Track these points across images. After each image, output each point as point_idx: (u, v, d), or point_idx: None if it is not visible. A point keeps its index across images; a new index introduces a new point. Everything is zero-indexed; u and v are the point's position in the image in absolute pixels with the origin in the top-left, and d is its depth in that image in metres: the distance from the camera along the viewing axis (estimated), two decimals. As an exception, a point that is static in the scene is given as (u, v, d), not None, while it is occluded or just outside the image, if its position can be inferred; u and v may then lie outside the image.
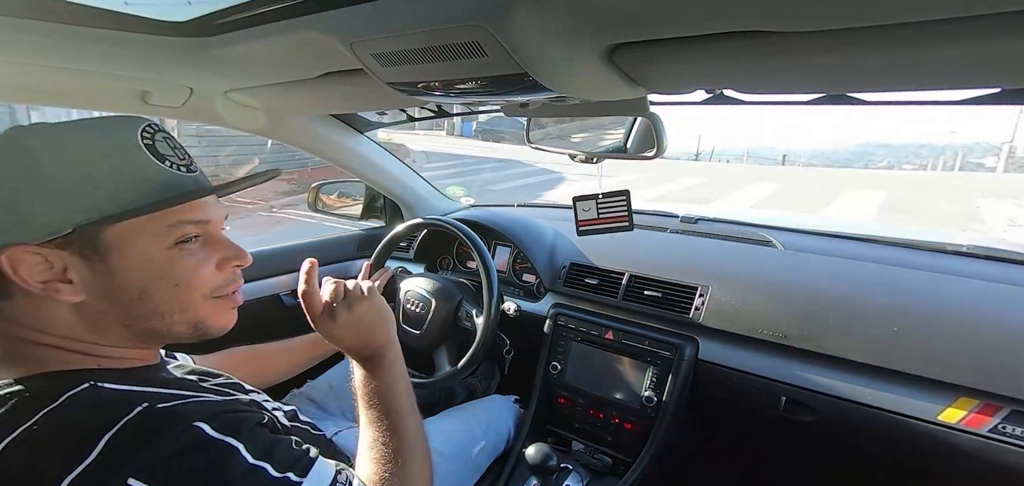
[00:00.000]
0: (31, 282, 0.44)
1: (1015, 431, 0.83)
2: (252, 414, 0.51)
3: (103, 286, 0.47)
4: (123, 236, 0.47)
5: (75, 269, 0.46)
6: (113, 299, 0.48)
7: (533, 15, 0.47)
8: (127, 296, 0.48)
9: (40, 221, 0.43)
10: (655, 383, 1.14)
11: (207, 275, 0.53)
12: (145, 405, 0.43)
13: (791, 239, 1.36)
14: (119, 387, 0.46)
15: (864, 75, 0.54)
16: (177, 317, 0.51)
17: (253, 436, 0.46)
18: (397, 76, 0.64)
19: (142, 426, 0.42)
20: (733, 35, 0.48)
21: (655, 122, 0.93)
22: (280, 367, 1.03)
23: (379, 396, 0.64)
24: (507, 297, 1.34)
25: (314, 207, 1.76)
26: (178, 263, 0.50)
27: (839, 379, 0.97)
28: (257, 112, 1.13)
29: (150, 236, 0.48)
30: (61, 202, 0.44)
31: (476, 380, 1.53)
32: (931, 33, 0.42)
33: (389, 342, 0.68)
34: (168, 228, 0.49)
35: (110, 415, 0.42)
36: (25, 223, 0.43)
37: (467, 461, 1.06)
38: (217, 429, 0.44)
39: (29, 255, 0.43)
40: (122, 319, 0.49)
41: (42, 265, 0.44)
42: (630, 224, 1.07)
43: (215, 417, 0.45)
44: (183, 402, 0.47)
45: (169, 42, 0.71)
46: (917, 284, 1.06)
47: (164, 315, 0.51)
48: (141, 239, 0.48)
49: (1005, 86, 0.54)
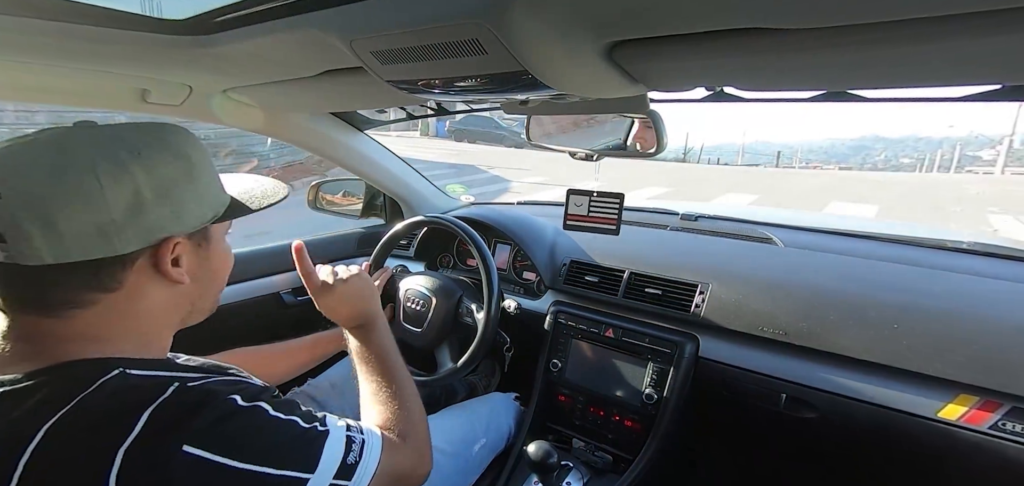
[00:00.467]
0: (168, 267, 0.51)
1: (1015, 427, 0.83)
2: (268, 389, 0.55)
3: (199, 270, 0.56)
4: (217, 230, 0.58)
5: (187, 256, 0.53)
6: (201, 279, 0.57)
7: (533, 13, 0.47)
8: (210, 277, 0.59)
9: (190, 217, 0.51)
10: (655, 380, 1.14)
11: (232, 256, 0.65)
12: (177, 385, 0.47)
13: (791, 236, 1.36)
14: (147, 373, 0.49)
15: (865, 72, 0.54)
16: (217, 295, 0.63)
17: (276, 402, 0.53)
18: (397, 74, 0.64)
19: (182, 400, 0.46)
20: (733, 32, 0.48)
21: (655, 120, 0.93)
22: (281, 368, 1.04)
23: (375, 356, 0.76)
24: (507, 295, 1.35)
25: (314, 205, 1.76)
26: (230, 249, 0.63)
27: (839, 376, 0.97)
28: (256, 110, 1.13)
29: (223, 230, 0.60)
30: (201, 203, 0.53)
31: (477, 378, 1.53)
32: (931, 29, 0.42)
33: (377, 313, 0.82)
34: (227, 224, 0.61)
35: (146, 395, 0.45)
36: (180, 218, 0.51)
37: (468, 459, 1.06)
38: (246, 399, 0.49)
39: (171, 244, 0.51)
40: (197, 297, 0.58)
41: (171, 253, 0.51)
42: (617, 229, 1.07)
43: (242, 391, 0.50)
44: (211, 380, 0.51)
45: (168, 40, 0.71)
46: (917, 281, 1.06)
47: (219, 290, 0.62)
48: (221, 232, 0.60)
49: (1005, 82, 0.54)
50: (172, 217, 0.50)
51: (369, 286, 0.83)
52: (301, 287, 1.53)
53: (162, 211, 0.49)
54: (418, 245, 1.60)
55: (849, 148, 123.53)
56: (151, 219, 0.48)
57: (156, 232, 0.49)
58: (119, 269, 0.48)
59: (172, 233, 0.50)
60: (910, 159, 26.16)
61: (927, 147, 26.75)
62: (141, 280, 0.50)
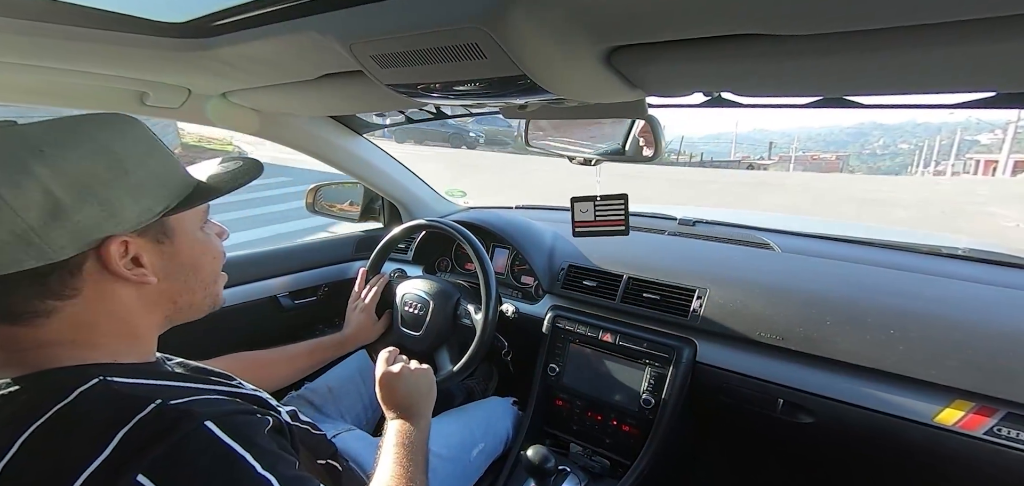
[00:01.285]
0: (120, 268, 0.48)
1: (1011, 433, 0.83)
2: (259, 418, 0.51)
3: (168, 266, 0.54)
4: (182, 222, 0.55)
5: (147, 253, 0.51)
6: (174, 276, 0.55)
7: (531, 18, 0.47)
8: (184, 272, 0.56)
9: (129, 214, 0.48)
10: (653, 385, 1.14)
11: (220, 247, 0.62)
12: (159, 401, 0.44)
13: (788, 242, 1.36)
14: (129, 381, 0.47)
15: (861, 78, 0.54)
16: (210, 288, 0.60)
17: (261, 446, 0.47)
18: (396, 78, 0.65)
19: (155, 423, 0.43)
20: (731, 38, 0.49)
21: (653, 124, 0.93)
22: (280, 373, 1.03)
23: (406, 448, 0.72)
24: (505, 299, 1.34)
25: (312, 208, 1.76)
26: (209, 240, 0.60)
27: (836, 381, 0.98)
28: (255, 114, 1.13)
29: (194, 219, 0.57)
30: (143, 196, 0.49)
31: (474, 382, 1.52)
32: (926, 37, 0.42)
33: (427, 413, 0.81)
34: (199, 213, 0.58)
35: (124, 411, 0.43)
36: (117, 216, 0.47)
37: (465, 463, 1.06)
38: (226, 431, 0.45)
39: (117, 244, 0.48)
40: (176, 294, 0.56)
41: (124, 253, 0.49)
42: (626, 229, 1.07)
43: (223, 418, 0.46)
44: (193, 400, 0.48)
45: (167, 43, 0.71)
46: (914, 287, 1.07)
47: (206, 285, 0.59)
48: (190, 223, 0.57)
49: (999, 90, 0.55)
50: (104, 216, 0.46)
51: (430, 386, 0.85)
52: (298, 290, 1.54)
53: (88, 211, 0.45)
54: (416, 249, 1.60)
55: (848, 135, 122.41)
56: (77, 221, 0.44)
57: (90, 233, 0.45)
58: (66, 275, 0.46)
59: (112, 232, 0.47)
60: (908, 145, 26.26)
61: (925, 133, 26.80)
62: (100, 284, 0.48)
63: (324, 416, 1.11)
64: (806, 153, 29.42)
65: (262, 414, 0.53)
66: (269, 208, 6.49)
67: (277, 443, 0.50)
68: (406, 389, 0.80)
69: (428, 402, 0.83)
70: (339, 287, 1.65)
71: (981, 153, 22.72)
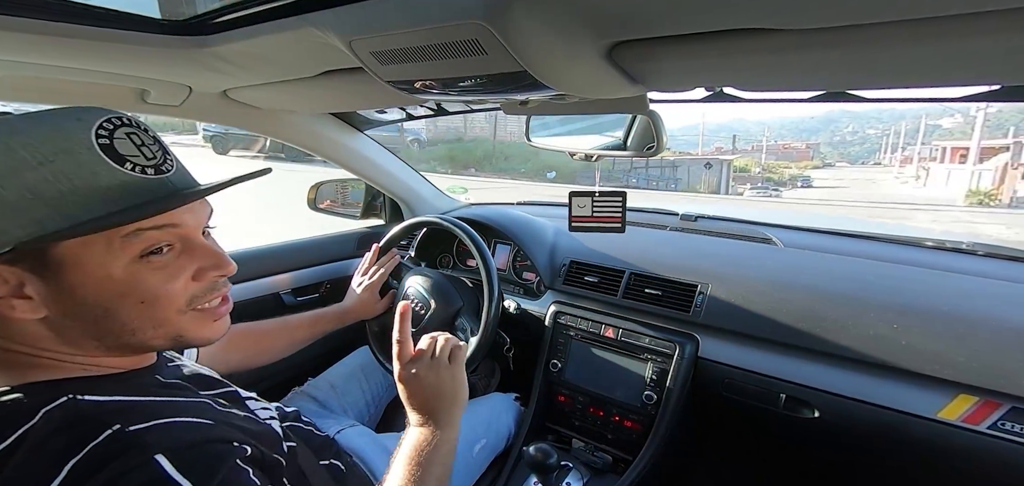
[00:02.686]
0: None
1: (1015, 427, 0.83)
2: (228, 448, 0.47)
3: (63, 303, 0.44)
4: (76, 252, 0.43)
5: (32, 284, 0.43)
6: (76, 316, 0.45)
7: (533, 13, 0.47)
8: (91, 314, 0.45)
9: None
10: (655, 381, 1.14)
11: (179, 288, 0.49)
12: (117, 427, 0.41)
13: (790, 236, 1.36)
14: (99, 399, 0.44)
15: (864, 72, 0.54)
16: (150, 332, 0.48)
17: (222, 482, 0.43)
18: (396, 74, 0.64)
19: (104, 452, 0.40)
20: (733, 33, 0.48)
21: (655, 120, 0.93)
22: (280, 343, 1.04)
23: (424, 457, 0.64)
24: (507, 295, 1.34)
25: (313, 205, 1.76)
26: (143, 278, 0.46)
27: (839, 376, 0.97)
28: (256, 110, 1.13)
29: (106, 251, 0.44)
30: (8, 220, 0.40)
31: (476, 378, 1.53)
32: (930, 29, 0.42)
33: (450, 423, 0.69)
34: (126, 240, 0.44)
35: (80, 436, 0.40)
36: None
37: (467, 459, 1.06)
38: (179, 466, 0.41)
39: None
40: (91, 334, 0.46)
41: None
42: (622, 226, 1.07)
43: (182, 451, 0.42)
44: (153, 426, 0.43)
45: (167, 41, 0.71)
46: (916, 281, 1.06)
47: (135, 331, 0.47)
48: (96, 255, 0.43)
49: (1004, 82, 0.54)
50: None
51: (456, 388, 0.72)
52: (300, 288, 1.54)
53: None
54: (418, 245, 1.59)
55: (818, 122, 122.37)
56: None
57: None
58: None
59: None
60: (876, 131, 26.47)
61: (891, 118, 27.00)
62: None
63: (327, 411, 1.11)
64: (778, 142, 29.79)
65: (239, 442, 0.49)
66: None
67: (248, 475, 0.46)
68: (426, 392, 0.70)
69: (455, 407, 0.71)
70: (341, 284, 1.64)
71: (946, 140, 23.07)
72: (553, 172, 17.04)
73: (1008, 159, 21.81)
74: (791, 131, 51.40)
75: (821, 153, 75.85)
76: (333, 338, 1.18)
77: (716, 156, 29.28)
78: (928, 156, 33.64)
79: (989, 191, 21.48)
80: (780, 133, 37.83)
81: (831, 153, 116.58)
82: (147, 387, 0.50)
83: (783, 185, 30.32)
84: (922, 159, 34.32)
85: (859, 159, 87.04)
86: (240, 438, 0.50)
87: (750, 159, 43.52)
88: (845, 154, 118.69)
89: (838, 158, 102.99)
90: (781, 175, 36.95)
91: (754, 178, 30.09)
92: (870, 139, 37.13)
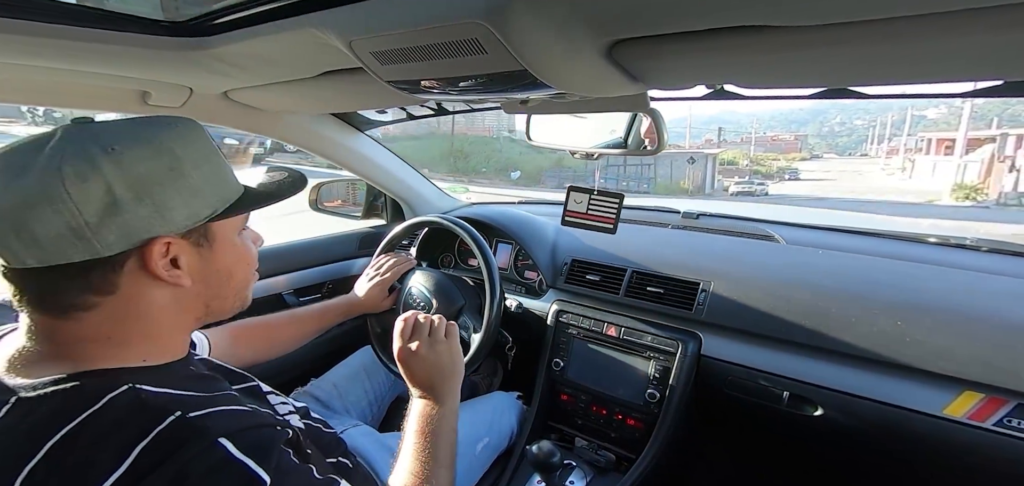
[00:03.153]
0: (159, 269, 0.49)
1: (1020, 424, 0.82)
2: (276, 431, 0.51)
3: (204, 270, 0.54)
4: (223, 228, 0.55)
5: (186, 256, 0.51)
6: (208, 281, 0.55)
7: (533, 12, 0.47)
8: (219, 277, 0.56)
9: (178, 216, 0.49)
10: (658, 379, 1.14)
11: (254, 254, 0.63)
12: (178, 414, 0.44)
13: (793, 234, 1.35)
14: (156, 390, 0.47)
15: (865, 68, 0.54)
16: (240, 294, 0.60)
17: (276, 463, 0.47)
18: (396, 74, 0.64)
19: (171, 439, 0.43)
20: (733, 30, 0.48)
21: (655, 118, 0.93)
22: (288, 336, 1.05)
23: (430, 431, 0.71)
24: (509, 294, 1.34)
25: (315, 206, 1.76)
26: (246, 247, 0.60)
27: (842, 373, 0.97)
28: (257, 111, 1.13)
29: (234, 227, 0.57)
30: (194, 200, 0.50)
31: (479, 377, 1.53)
32: (931, 26, 0.42)
33: (451, 393, 0.77)
34: (239, 219, 0.58)
35: (145, 423, 0.43)
36: (166, 217, 0.48)
37: (470, 458, 1.06)
38: (241, 448, 0.45)
39: (160, 245, 0.48)
40: (209, 298, 0.56)
41: (165, 253, 0.49)
42: (614, 228, 1.08)
43: (239, 435, 0.46)
44: (210, 413, 0.47)
45: (168, 42, 0.71)
46: (921, 277, 1.06)
47: (238, 291, 0.60)
48: (230, 230, 0.57)
49: (1006, 78, 0.54)
50: (155, 217, 0.47)
51: (454, 364, 0.80)
52: (303, 288, 1.54)
53: (142, 211, 0.46)
54: (419, 245, 1.60)
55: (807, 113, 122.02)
56: (130, 219, 0.45)
57: (139, 233, 0.46)
58: (109, 272, 0.46)
59: (158, 233, 0.47)
60: (863, 122, 26.31)
61: (878, 109, 26.86)
62: (136, 283, 0.48)
63: (331, 411, 1.12)
64: (767, 134, 29.86)
65: (281, 426, 0.52)
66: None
67: (290, 456, 0.50)
68: (426, 368, 0.76)
69: (453, 380, 0.78)
70: (343, 284, 1.65)
71: (931, 131, 23.08)
72: (517, 172, 16.62)
73: (994, 150, 21.84)
74: (780, 123, 51.35)
75: (809, 145, 75.57)
76: (336, 338, 1.18)
77: (701, 150, 28.80)
78: (914, 147, 33.56)
79: (975, 185, 21.42)
80: (769, 124, 37.93)
81: (819, 144, 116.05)
82: (185, 379, 0.53)
83: (771, 178, 29.81)
84: (908, 150, 34.23)
85: (847, 150, 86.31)
86: (280, 423, 0.54)
87: (738, 151, 43.22)
88: (833, 145, 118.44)
89: (826, 149, 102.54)
90: (769, 168, 36.62)
91: (742, 171, 29.63)
92: (858, 130, 37.39)
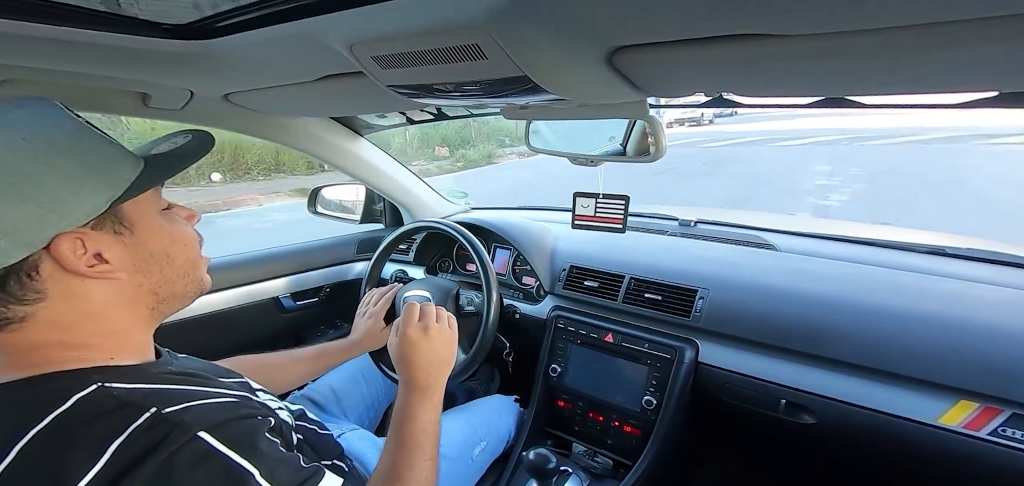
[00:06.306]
0: (80, 266, 0.46)
1: (1016, 433, 0.83)
2: (260, 421, 0.50)
3: (136, 258, 0.51)
4: (138, 209, 0.51)
5: (109, 248, 0.48)
6: (145, 269, 0.52)
7: (534, 19, 0.47)
8: (156, 263, 0.53)
9: (71, 208, 0.45)
10: (655, 386, 1.14)
11: (191, 232, 0.59)
12: (154, 410, 0.43)
13: (790, 242, 1.36)
14: (127, 386, 0.46)
15: (863, 78, 0.54)
16: (190, 275, 0.57)
17: (261, 451, 0.46)
18: (397, 79, 0.65)
19: (149, 435, 0.42)
20: (733, 38, 0.48)
21: (654, 125, 0.93)
22: (286, 377, 1.02)
23: (415, 425, 0.71)
24: (507, 299, 1.34)
25: (314, 209, 1.76)
26: (175, 226, 0.56)
27: (838, 381, 0.97)
28: (257, 115, 1.13)
29: (150, 206, 0.53)
30: (81, 187, 0.45)
31: (476, 382, 1.53)
32: (929, 37, 0.42)
33: (441, 387, 0.77)
34: (157, 198, 0.54)
35: (118, 421, 0.42)
36: (59, 212, 0.44)
37: (467, 462, 1.06)
38: (222, 440, 0.44)
39: (69, 241, 0.45)
40: (153, 286, 0.53)
41: (81, 250, 0.46)
42: (623, 228, 1.10)
43: (220, 427, 0.45)
44: (189, 406, 0.46)
45: (169, 45, 0.71)
46: (916, 286, 1.06)
47: (184, 274, 0.56)
48: (148, 210, 0.53)
49: (1001, 90, 0.54)
50: (46, 215, 0.43)
51: (449, 355, 0.80)
52: (300, 291, 1.54)
53: (24, 211, 0.42)
54: (417, 250, 1.60)
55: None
56: (15, 223, 0.42)
57: (33, 234, 0.43)
58: (24, 278, 0.44)
59: (59, 230, 0.44)
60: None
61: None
62: (65, 284, 0.46)
63: (328, 416, 1.11)
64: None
65: (263, 416, 0.52)
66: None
67: (277, 445, 0.50)
68: (426, 360, 0.76)
69: (445, 373, 0.79)
70: (341, 288, 1.65)
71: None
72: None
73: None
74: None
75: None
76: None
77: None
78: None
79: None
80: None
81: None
82: (162, 377, 0.52)
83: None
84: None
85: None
86: (264, 412, 0.53)
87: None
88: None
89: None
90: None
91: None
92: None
